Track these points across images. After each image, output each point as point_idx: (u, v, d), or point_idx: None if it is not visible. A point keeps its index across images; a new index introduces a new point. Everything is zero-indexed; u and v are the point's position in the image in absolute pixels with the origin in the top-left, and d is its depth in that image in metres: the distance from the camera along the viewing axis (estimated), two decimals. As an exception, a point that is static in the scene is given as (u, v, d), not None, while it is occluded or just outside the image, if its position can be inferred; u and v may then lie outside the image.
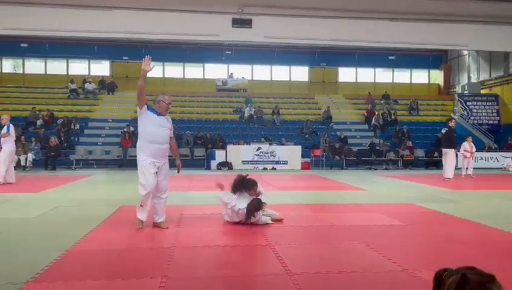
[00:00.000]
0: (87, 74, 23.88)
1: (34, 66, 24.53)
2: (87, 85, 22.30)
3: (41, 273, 3.44)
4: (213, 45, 22.25)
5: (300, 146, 17.64)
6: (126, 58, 24.03)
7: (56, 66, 24.61)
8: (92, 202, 7.65)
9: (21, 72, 24.38)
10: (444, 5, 15.68)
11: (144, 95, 5.10)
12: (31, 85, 23.08)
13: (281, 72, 25.82)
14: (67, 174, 13.76)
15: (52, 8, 14.43)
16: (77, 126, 18.92)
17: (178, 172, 5.52)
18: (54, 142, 16.15)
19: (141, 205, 5.14)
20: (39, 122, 18.78)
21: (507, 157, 17.39)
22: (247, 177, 5.52)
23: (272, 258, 3.99)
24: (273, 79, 25.73)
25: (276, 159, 16.82)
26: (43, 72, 24.26)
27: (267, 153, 16.84)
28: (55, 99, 21.74)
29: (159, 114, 5.15)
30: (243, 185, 5.41)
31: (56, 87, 22.89)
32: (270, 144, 17.42)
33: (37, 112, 19.23)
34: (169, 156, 5.39)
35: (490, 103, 22.70)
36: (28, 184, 10.75)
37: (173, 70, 25.25)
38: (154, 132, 5.04)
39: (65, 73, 24.24)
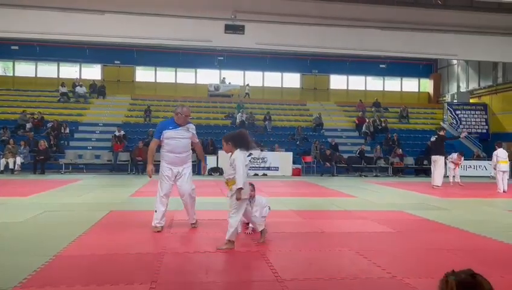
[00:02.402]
0: (78, 77, 23.72)
1: (25, 69, 24.36)
2: (77, 89, 22.15)
3: (29, 278, 3.41)
4: (205, 50, 22.30)
5: (292, 152, 17.67)
6: (118, 62, 23.95)
7: (47, 69, 24.45)
8: (81, 206, 7.58)
9: (11, 74, 24.19)
10: (434, 15, 15.94)
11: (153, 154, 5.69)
12: (21, 88, 22.89)
13: (273, 79, 25.93)
14: (57, 179, 13.63)
15: (43, 10, 14.35)
16: (67, 130, 18.76)
17: (203, 174, 6.27)
18: (44, 146, 15.99)
19: (155, 211, 5.42)
20: (28, 125, 18.59)
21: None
22: None
23: (262, 264, 4.00)
24: (265, 85, 25.82)
25: (267, 165, 16.84)
26: (34, 75, 24.09)
27: (258, 159, 16.85)
28: (46, 102, 21.58)
29: (178, 125, 5.41)
30: None
31: (46, 91, 22.73)
32: (262, 150, 17.43)
33: (28, 115, 19.05)
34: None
35: (479, 112, 23.00)
36: (16, 188, 10.65)
37: (165, 75, 25.22)
38: (172, 143, 5.38)
39: (56, 76, 24.10)
